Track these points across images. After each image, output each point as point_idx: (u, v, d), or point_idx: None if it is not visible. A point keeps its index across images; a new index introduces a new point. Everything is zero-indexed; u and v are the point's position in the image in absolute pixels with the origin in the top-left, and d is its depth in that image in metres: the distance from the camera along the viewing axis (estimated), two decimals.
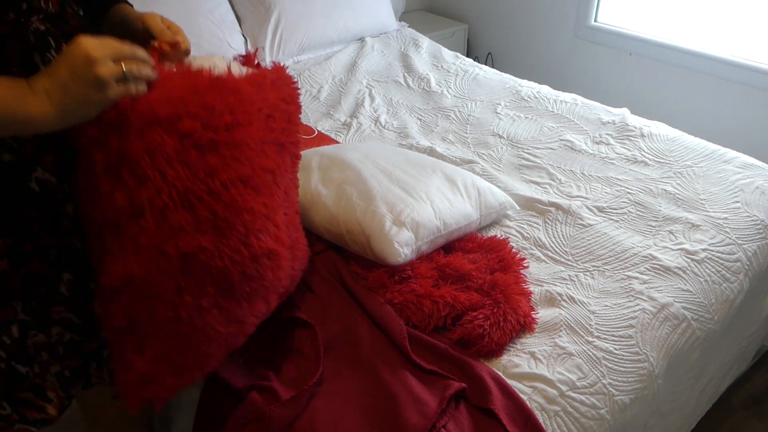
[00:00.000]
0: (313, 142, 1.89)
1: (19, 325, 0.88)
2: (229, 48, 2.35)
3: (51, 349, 0.92)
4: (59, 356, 0.94)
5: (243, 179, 0.93)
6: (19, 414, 0.92)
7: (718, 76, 2.48)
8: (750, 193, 1.69)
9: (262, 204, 0.97)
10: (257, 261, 0.97)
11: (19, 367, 0.90)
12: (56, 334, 0.92)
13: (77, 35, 0.77)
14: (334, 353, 1.20)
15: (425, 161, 1.59)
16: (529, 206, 1.66)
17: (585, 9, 2.82)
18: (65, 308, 0.92)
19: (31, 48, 0.80)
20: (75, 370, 0.96)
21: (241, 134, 0.93)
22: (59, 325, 0.92)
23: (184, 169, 0.87)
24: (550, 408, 1.12)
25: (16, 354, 0.89)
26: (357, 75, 2.44)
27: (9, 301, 0.86)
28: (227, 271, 0.92)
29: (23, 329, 0.88)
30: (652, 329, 1.29)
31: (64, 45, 0.82)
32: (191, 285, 0.90)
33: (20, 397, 0.92)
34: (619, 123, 2.04)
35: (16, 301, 0.87)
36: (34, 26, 0.81)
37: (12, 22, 0.77)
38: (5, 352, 0.88)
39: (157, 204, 0.86)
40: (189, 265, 0.89)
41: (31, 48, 0.80)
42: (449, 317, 1.26)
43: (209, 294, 0.92)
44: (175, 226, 0.87)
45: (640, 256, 1.47)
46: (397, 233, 1.32)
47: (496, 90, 2.32)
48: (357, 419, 1.06)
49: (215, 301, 0.93)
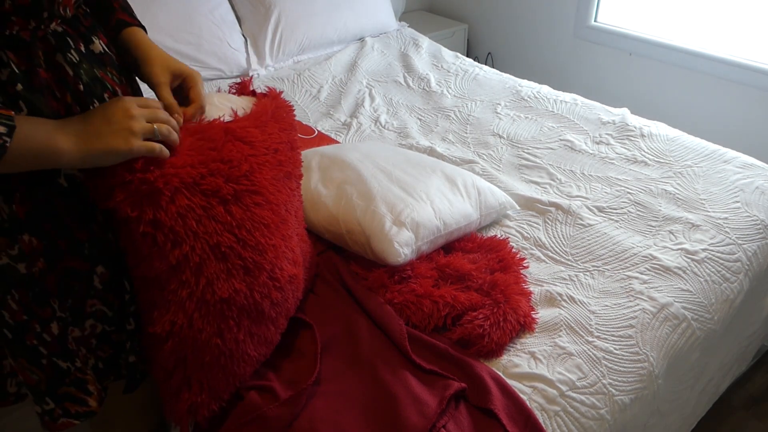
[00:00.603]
0: (313, 142, 1.89)
1: (58, 322, 0.90)
2: (229, 48, 2.35)
3: (85, 342, 0.95)
4: (93, 349, 0.96)
5: (264, 222, 1.01)
6: (62, 408, 0.96)
7: (718, 76, 2.48)
8: (750, 193, 1.69)
9: (280, 237, 1.05)
10: (282, 289, 1.07)
11: (60, 363, 0.93)
12: (89, 326, 0.95)
13: (91, 36, 0.87)
14: (333, 353, 1.20)
15: (425, 161, 1.59)
16: (529, 206, 1.66)
17: (585, 9, 2.82)
18: (99, 301, 0.95)
19: (53, 49, 0.84)
20: (106, 361, 0.99)
21: (259, 179, 1.01)
22: (93, 317, 0.95)
23: (213, 224, 0.94)
24: (550, 408, 1.12)
25: (57, 350, 0.92)
26: (357, 75, 2.44)
27: (47, 299, 0.89)
28: (259, 304, 1.02)
29: (63, 326, 0.91)
30: (652, 329, 1.29)
31: (81, 44, 0.87)
32: (230, 324, 0.99)
33: (63, 392, 0.95)
34: (619, 123, 2.04)
35: (53, 299, 0.89)
36: (53, 29, 0.84)
37: (33, 29, 0.81)
38: (46, 350, 0.91)
39: (194, 261, 0.92)
40: (226, 308, 0.97)
41: (53, 49, 0.84)
42: (449, 317, 1.26)
43: (244, 326, 1.01)
44: (211, 277, 0.95)
45: (640, 256, 1.47)
46: (397, 233, 1.32)
47: (496, 90, 2.32)
48: (357, 419, 1.06)
49: (249, 330, 1.03)
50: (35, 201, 0.85)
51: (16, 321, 0.88)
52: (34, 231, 0.85)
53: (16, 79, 0.79)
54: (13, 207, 0.83)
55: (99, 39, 0.92)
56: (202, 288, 0.94)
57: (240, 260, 0.97)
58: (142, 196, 0.86)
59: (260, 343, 1.07)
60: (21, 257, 0.85)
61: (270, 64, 2.48)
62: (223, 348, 0.99)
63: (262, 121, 1.07)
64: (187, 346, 0.96)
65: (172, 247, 0.90)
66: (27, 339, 0.90)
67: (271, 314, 1.06)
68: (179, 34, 2.23)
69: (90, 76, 0.88)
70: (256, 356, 1.07)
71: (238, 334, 1.00)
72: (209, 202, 0.93)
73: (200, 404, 1.00)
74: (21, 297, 0.87)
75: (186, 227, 0.90)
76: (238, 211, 0.96)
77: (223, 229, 0.95)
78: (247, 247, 0.98)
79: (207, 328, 0.96)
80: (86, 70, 0.88)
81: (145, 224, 0.87)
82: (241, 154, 0.98)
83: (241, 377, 1.06)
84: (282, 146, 1.10)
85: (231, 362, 1.01)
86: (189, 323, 0.95)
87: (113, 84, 0.93)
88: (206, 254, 0.93)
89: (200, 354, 0.97)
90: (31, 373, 0.92)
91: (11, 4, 0.77)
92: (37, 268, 0.87)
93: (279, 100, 1.16)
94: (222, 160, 0.95)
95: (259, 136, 1.03)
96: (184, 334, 0.95)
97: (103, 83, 0.90)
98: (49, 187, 0.86)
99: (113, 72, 0.94)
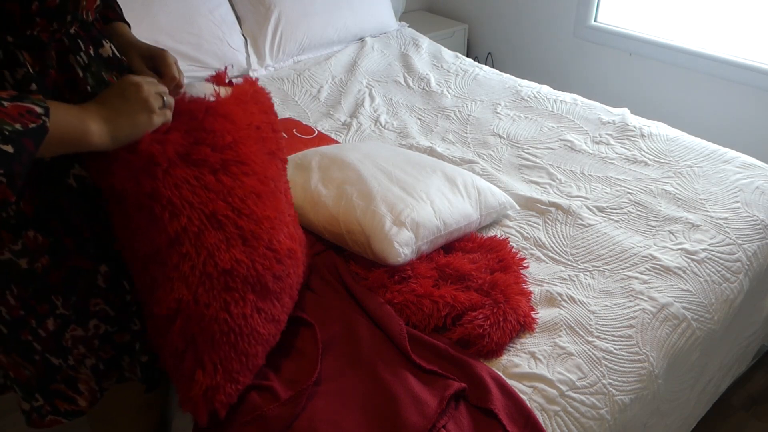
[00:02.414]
0: (313, 142, 1.88)
1: (56, 319, 0.91)
2: (229, 48, 2.35)
3: (88, 342, 0.95)
4: (95, 349, 0.96)
5: (255, 191, 1.02)
6: (51, 405, 0.96)
7: (718, 76, 2.48)
8: (750, 193, 1.69)
9: (273, 209, 1.07)
10: (282, 262, 1.08)
11: (53, 359, 0.93)
12: (93, 326, 0.95)
13: (102, 39, 0.91)
14: (334, 353, 1.20)
15: (425, 161, 1.59)
16: (529, 206, 1.66)
17: (585, 9, 2.82)
18: (102, 300, 0.95)
19: (66, 50, 0.86)
20: (108, 362, 0.99)
21: (243, 150, 1.02)
22: (96, 317, 0.95)
23: (206, 193, 0.95)
24: (550, 408, 1.12)
25: (50, 347, 0.92)
26: (357, 75, 2.44)
27: (49, 296, 0.89)
28: (261, 276, 1.03)
29: (63, 323, 0.92)
30: (652, 329, 1.29)
31: (91, 48, 0.90)
32: (235, 297, 0.99)
33: (53, 389, 0.95)
34: (619, 123, 2.04)
35: (57, 296, 0.90)
36: (70, 31, 0.86)
37: (53, 31, 0.83)
38: (40, 345, 0.91)
39: (192, 231, 0.93)
40: (230, 280, 0.98)
41: (66, 50, 0.86)
42: (449, 317, 1.26)
43: (250, 301, 1.02)
44: (211, 248, 0.96)
45: (640, 256, 1.47)
46: (397, 233, 1.32)
47: (496, 90, 2.32)
48: (357, 419, 1.06)
49: (255, 305, 1.03)
50: (43, 199, 0.86)
51: (12, 317, 0.88)
52: (41, 228, 0.86)
53: (31, 80, 0.81)
54: (21, 204, 0.84)
55: (109, 43, 0.94)
56: (203, 260, 0.94)
57: (237, 229, 0.98)
58: (138, 169, 0.87)
59: (268, 321, 1.07)
60: (23, 253, 0.85)
61: (270, 64, 2.48)
62: (232, 324, 0.99)
63: (242, 100, 1.09)
64: (195, 323, 0.95)
65: (170, 217, 0.91)
66: (22, 334, 0.90)
67: (275, 289, 1.07)
68: (179, 34, 2.23)
69: (97, 79, 0.90)
70: (266, 334, 1.07)
71: (244, 308, 1.00)
72: (201, 171, 0.95)
73: (215, 387, 0.99)
74: (20, 292, 0.87)
75: (182, 198, 0.92)
76: (227, 180, 0.98)
77: (216, 198, 0.96)
78: (242, 215, 0.99)
79: (213, 303, 0.96)
80: (94, 73, 0.89)
81: (141, 194, 0.88)
82: (222, 126, 0.99)
83: (253, 357, 1.05)
84: (263, 126, 1.12)
85: (241, 339, 1.01)
86: (194, 299, 0.95)
87: None
88: (203, 224, 0.94)
89: (209, 330, 0.97)
90: (23, 368, 0.92)
91: (38, 6, 0.78)
92: (40, 264, 0.87)
93: (257, 86, 1.18)
94: (205, 130, 0.96)
95: (240, 113, 1.05)
96: (191, 311, 0.95)
97: (109, 86, 0.92)
98: (58, 186, 0.87)
99: (119, 76, 0.95)
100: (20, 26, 0.78)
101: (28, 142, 0.71)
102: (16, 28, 0.78)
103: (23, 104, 0.72)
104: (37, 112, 0.73)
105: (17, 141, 0.69)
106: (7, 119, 0.69)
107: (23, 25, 0.78)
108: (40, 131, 0.72)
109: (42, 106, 0.74)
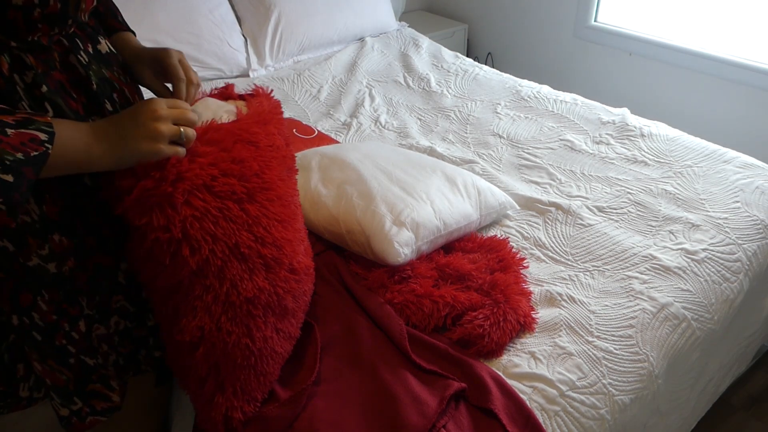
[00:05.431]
0: (313, 142, 1.88)
1: (85, 319, 0.91)
2: (229, 48, 2.35)
3: (109, 339, 0.96)
4: (115, 345, 0.97)
5: (278, 218, 1.01)
6: (89, 406, 0.96)
7: (718, 76, 2.48)
8: (750, 193, 1.69)
9: (294, 231, 1.07)
10: (301, 280, 1.09)
11: (87, 360, 0.94)
12: (114, 323, 0.96)
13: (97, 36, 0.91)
14: (334, 353, 1.20)
15: (425, 161, 1.59)
16: (529, 206, 1.66)
17: (585, 9, 2.82)
18: (123, 297, 0.96)
19: (67, 50, 0.86)
20: (127, 357, 1.00)
21: (269, 176, 1.01)
22: (117, 314, 0.96)
23: (230, 225, 0.93)
24: (550, 408, 1.12)
25: (84, 348, 0.93)
26: (357, 75, 2.44)
27: (76, 297, 0.90)
28: (282, 299, 1.03)
29: (89, 323, 0.92)
30: (652, 329, 1.29)
31: (89, 45, 0.90)
32: (258, 323, 1.00)
33: (90, 390, 0.96)
34: (619, 123, 2.04)
35: (82, 297, 0.90)
36: (68, 32, 0.87)
37: (53, 34, 0.83)
38: (74, 348, 0.92)
39: (215, 264, 0.92)
40: (252, 307, 0.98)
41: (67, 50, 0.86)
42: (449, 317, 1.26)
43: (270, 323, 1.02)
44: (234, 279, 0.95)
45: (640, 256, 1.47)
46: (397, 233, 1.32)
47: (496, 90, 2.32)
48: (357, 419, 1.06)
49: (275, 327, 1.04)
50: (65, 201, 0.86)
51: (46, 322, 0.89)
52: (65, 230, 0.86)
53: (41, 81, 0.81)
54: (44, 208, 0.84)
55: (104, 39, 0.95)
56: (226, 291, 0.94)
57: (260, 258, 0.98)
58: (156, 202, 0.86)
59: (285, 339, 1.07)
60: (51, 257, 0.86)
61: (270, 64, 2.48)
62: (253, 348, 0.99)
63: (263, 120, 1.07)
64: (218, 350, 0.96)
65: (191, 252, 0.89)
66: (57, 339, 0.90)
67: (293, 308, 1.08)
68: (179, 34, 2.23)
69: (99, 76, 0.90)
70: (282, 352, 1.08)
71: (265, 331, 1.01)
72: (224, 203, 0.93)
73: (233, 408, 1.00)
74: (51, 297, 0.88)
75: (204, 231, 0.90)
76: (253, 209, 0.97)
77: (241, 228, 0.95)
78: (266, 244, 0.98)
79: (235, 329, 0.96)
80: (96, 70, 0.90)
81: (160, 228, 0.87)
82: (250, 153, 0.98)
83: (269, 375, 1.06)
84: (280, 143, 1.11)
85: (261, 361, 1.02)
86: (217, 327, 0.95)
87: (120, 83, 0.94)
88: (227, 256, 0.93)
89: (231, 357, 0.97)
90: (60, 373, 0.93)
91: (41, 12, 0.78)
92: (67, 267, 0.87)
93: (271, 99, 1.16)
94: (233, 160, 0.95)
95: (262, 135, 1.04)
96: (213, 339, 0.95)
97: (111, 83, 0.92)
98: (75, 186, 0.87)
99: (119, 71, 0.95)
100: (23, 32, 0.79)
101: (27, 170, 0.72)
102: (19, 34, 0.78)
103: (27, 131, 0.73)
104: (40, 139, 0.73)
105: (17, 170, 0.71)
106: (8, 149, 0.70)
107: (26, 31, 0.79)
108: (41, 158, 0.73)
109: (47, 131, 0.74)
